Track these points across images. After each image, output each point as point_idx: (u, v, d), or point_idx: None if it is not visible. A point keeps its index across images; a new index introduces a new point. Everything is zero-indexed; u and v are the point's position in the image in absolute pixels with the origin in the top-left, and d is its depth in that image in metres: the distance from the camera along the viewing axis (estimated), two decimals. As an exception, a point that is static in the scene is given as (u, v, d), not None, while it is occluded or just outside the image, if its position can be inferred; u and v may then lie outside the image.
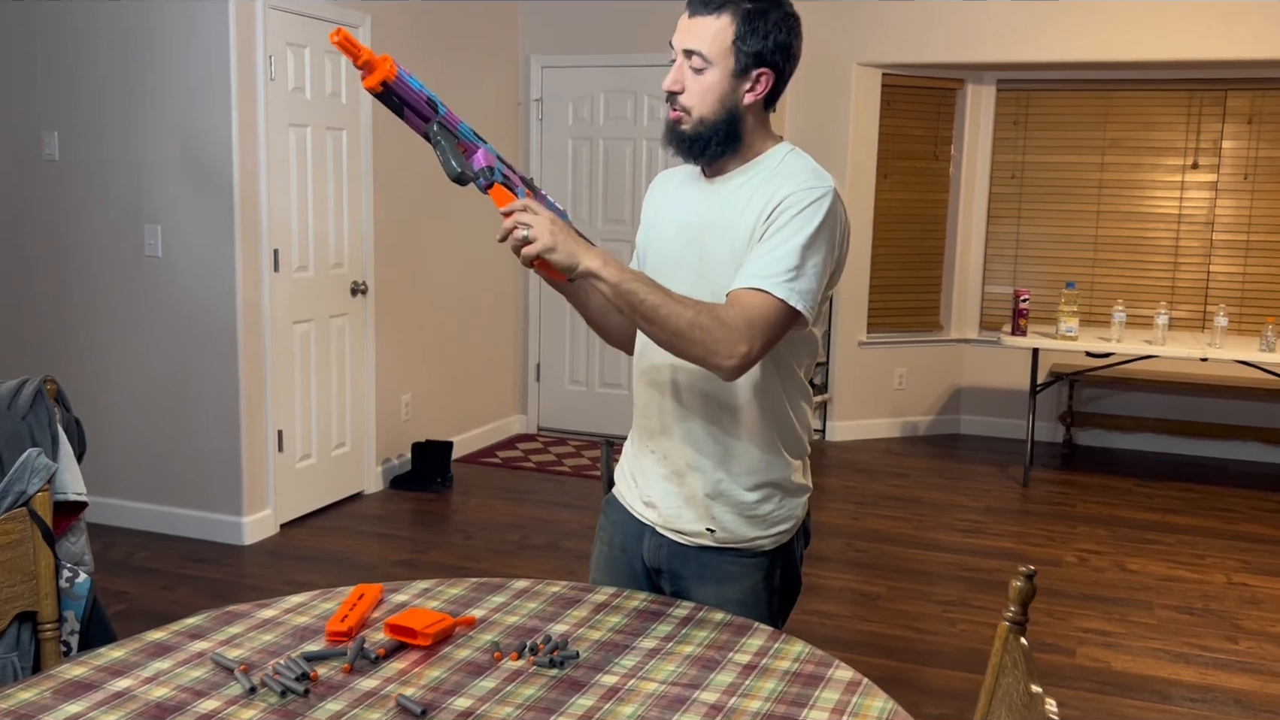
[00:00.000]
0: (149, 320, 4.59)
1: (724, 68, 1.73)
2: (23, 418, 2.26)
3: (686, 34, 1.75)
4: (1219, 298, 6.37)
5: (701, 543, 1.87)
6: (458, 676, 1.53)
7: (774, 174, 1.79)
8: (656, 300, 1.62)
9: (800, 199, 1.72)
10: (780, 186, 1.75)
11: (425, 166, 5.60)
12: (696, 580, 1.88)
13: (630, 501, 1.97)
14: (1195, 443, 6.53)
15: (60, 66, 4.58)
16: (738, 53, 1.73)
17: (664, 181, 1.98)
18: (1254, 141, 6.30)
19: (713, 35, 1.72)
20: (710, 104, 1.75)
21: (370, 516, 5.02)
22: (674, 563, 1.90)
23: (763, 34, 1.73)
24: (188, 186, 4.45)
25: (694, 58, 1.74)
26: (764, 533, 1.87)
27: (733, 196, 1.80)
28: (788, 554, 1.93)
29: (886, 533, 4.97)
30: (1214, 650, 3.77)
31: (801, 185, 1.74)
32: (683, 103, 1.76)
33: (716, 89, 1.74)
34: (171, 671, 1.53)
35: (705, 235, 1.82)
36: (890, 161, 6.63)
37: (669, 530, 1.90)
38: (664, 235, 1.90)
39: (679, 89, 1.76)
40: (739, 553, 1.88)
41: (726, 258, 1.77)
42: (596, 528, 2.08)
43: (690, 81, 1.75)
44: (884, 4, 6.31)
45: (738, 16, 1.72)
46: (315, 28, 4.75)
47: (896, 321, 6.80)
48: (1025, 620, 1.53)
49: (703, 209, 1.84)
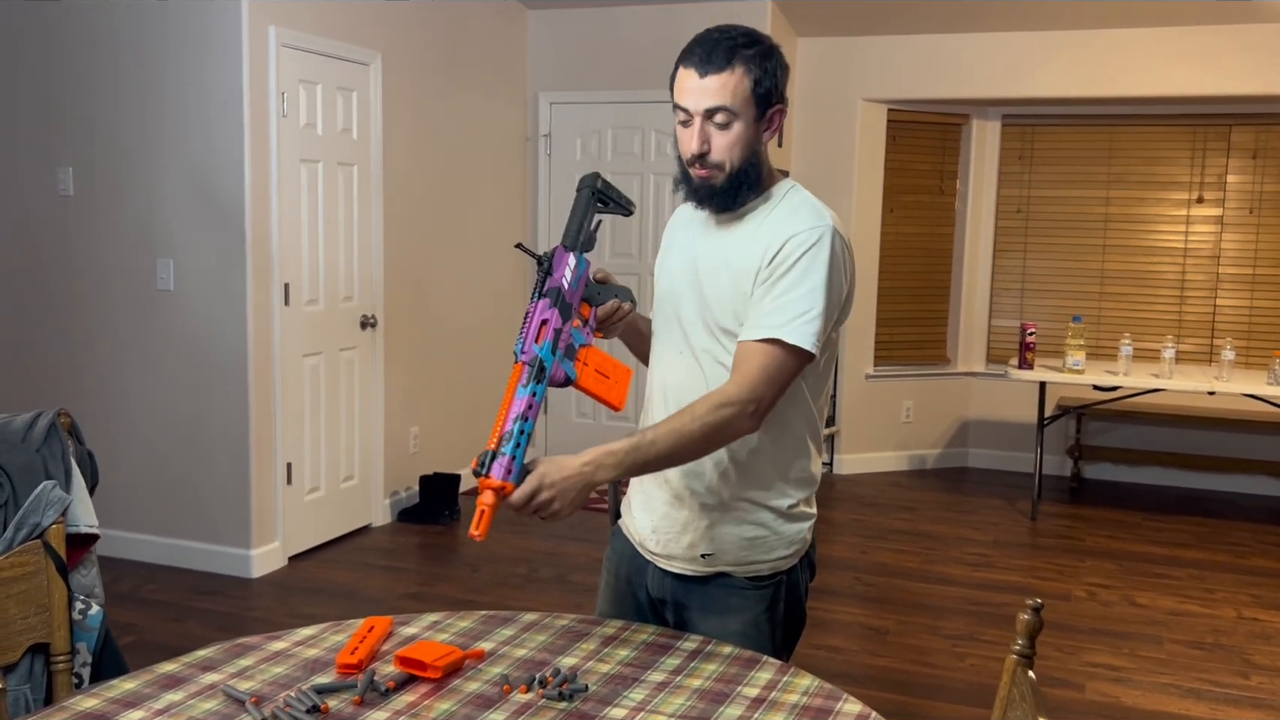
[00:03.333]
0: (160, 353, 4.62)
1: (748, 117, 1.76)
2: (37, 450, 2.28)
3: (702, 94, 1.75)
4: (1225, 331, 6.37)
5: (703, 572, 1.89)
6: (467, 709, 1.53)
7: (777, 212, 1.82)
8: (664, 448, 1.68)
9: (802, 241, 1.75)
10: (781, 228, 1.78)
11: (434, 202, 5.65)
12: (699, 612, 1.90)
13: (632, 532, 1.99)
14: (1204, 476, 6.51)
15: (75, 102, 4.64)
16: (757, 99, 1.76)
17: (683, 212, 2.00)
18: (1259, 176, 6.33)
19: (733, 89, 1.74)
20: (740, 154, 1.78)
21: (378, 549, 5.02)
22: (677, 594, 1.92)
23: (771, 74, 1.77)
24: (200, 221, 4.50)
25: (718, 114, 1.75)
26: (762, 558, 1.88)
27: (738, 234, 1.84)
28: (791, 586, 1.94)
29: (895, 566, 4.95)
30: (1225, 685, 3.74)
31: (803, 226, 1.77)
32: (713, 160, 1.78)
33: (744, 139, 1.77)
34: (183, 703, 1.54)
35: (707, 271, 1.85)
36: (896, 196, 6.67)
37: (669, 563, 1.92)
38: (671, 266, 1.94)
39: (706, 149, 1.77)
40: (741, 583, 1.88)
41: (727, 294, 1.81)
42: (604, 559, 2.10)
43: (717, 138, 1.77)
44: (889, 40, 6.37)
45: (750, 65, 1.74)
46: (327, 65, 4.81)
47: (903, 354, 6.81)
48: (1033, 653, 1.54)
49: (709, 245, 1.87)
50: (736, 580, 1.88)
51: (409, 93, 5.38)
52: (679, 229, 1.98)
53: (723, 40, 1.75)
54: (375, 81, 5.11)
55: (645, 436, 1.69)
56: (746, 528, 1.87)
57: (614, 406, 1.78)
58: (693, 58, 1.76)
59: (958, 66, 6.29)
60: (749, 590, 1.88)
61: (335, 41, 4.85)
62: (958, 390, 6.92)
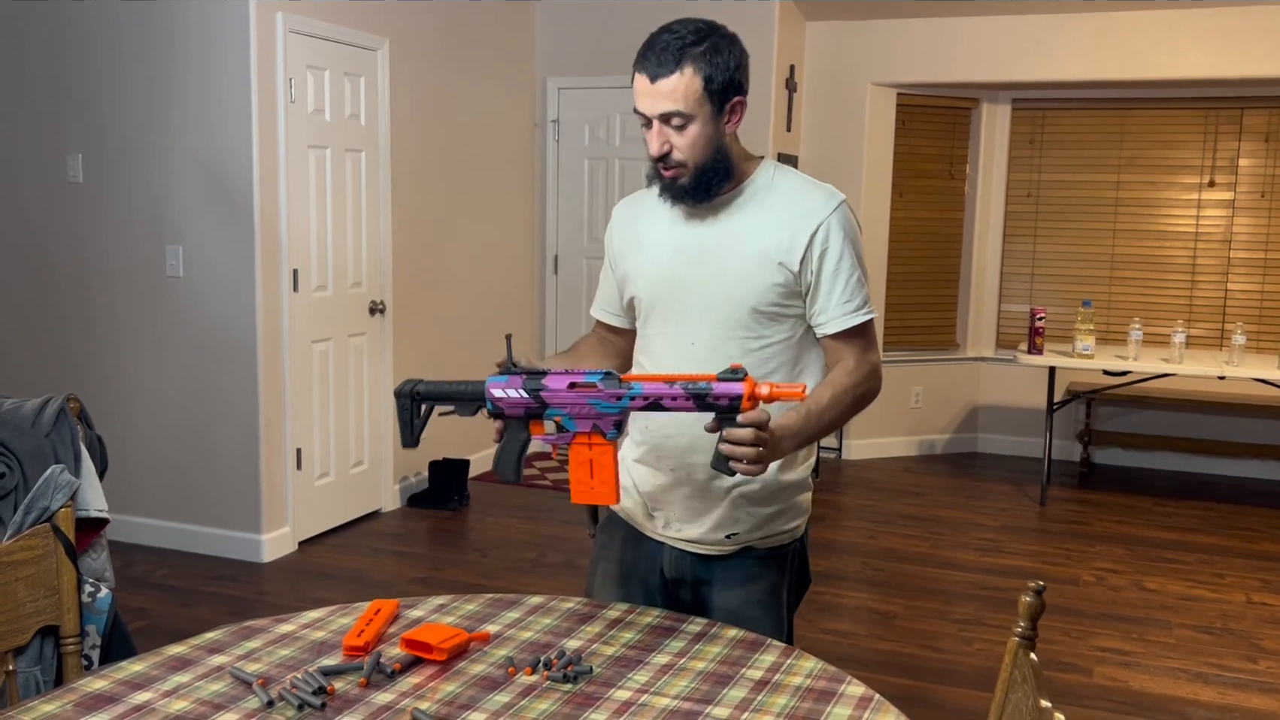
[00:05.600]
0: (170, 339, 4.64)
1: (704, 115, 1.77)
2: (46, 435, 2.29)
3: (655, 99, 1.77)
4: (1236, 316, 6.34)
5: (727, 550, 1.93)
6: (472, 691, 1.54)
7: (781, 195, 1.85)
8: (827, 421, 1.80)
9: (835, 225, 1.83)
10: (802, 212, 1.82)
11: (443, 187, 5.65)
12: (721, 586, 1.94)
13: (642, 522, 2.00)
14: (1213, 461, 6.49)
15: (84, 90, 4.65)
16: (711, 96, 1.77)
17: (634, 213, 1.99)
18: (1271, 159, 6.29)
19: (684, 91, 1.75)
20: (702, 151, 1.79)
21: (387, 534, 5.04)
22: (699, 572, 1.95)
23: (724, 68, 1.77)
24: (209, 208, 4.51)
25: (673, 118, 1.77)
26: (783, 528, 1.94)
27: (741, 218, 1.86)
28: (802, 547, 2.00)
29: (903, 551, 4.96)
30: (1233, 670, 3.74)
31: (826, 209, 1.83)
32: (676, 160, 1.80)
33: (704, 136, 1.78)
34: (191, 685, 1.55)
35: (713, 256, 1.86)
36: (906, 180, 6.64)
37: (691, 545, 1.94)
38: (661, 260, 1.91)
39: (668, 150, 1.79)
40: (762, 553, 1.94)
41: (742, 270, 1.83)
42: (596, 547, 2.10)
43: (676, 139, 1.78)
44: (898, 24, 6.34)
45: (699, 64, 1.75)
46: (335, 51, 4.81)
47: (913, 340, 6.80)
48: (1035, 635, 1.54)
49: (704, 234, 1.87)
50: (759, 551, 1.94)
51: (417, 78, 5.38)
52: (642, 226, 1.96)
53: (671, 42, 1.75)
54: (383, 67, 5.11)
55: (809, 411, 1.76)
56: (770, 506, 1.91)
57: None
58: (645, 62, 1.77)
59: (967, 50, 6.26)
60: (770, 560, 1.94)
61: (343, 27, 4.84)
62: (967, 375, 6.90)
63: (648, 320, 1.95)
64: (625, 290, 1.99)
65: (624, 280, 1.99)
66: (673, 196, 1.85)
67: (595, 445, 1.65)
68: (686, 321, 1.88)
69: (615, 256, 2.02)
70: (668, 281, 1.90)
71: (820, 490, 5.98)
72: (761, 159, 1.91)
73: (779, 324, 1.86)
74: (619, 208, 2.05)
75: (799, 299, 1.86)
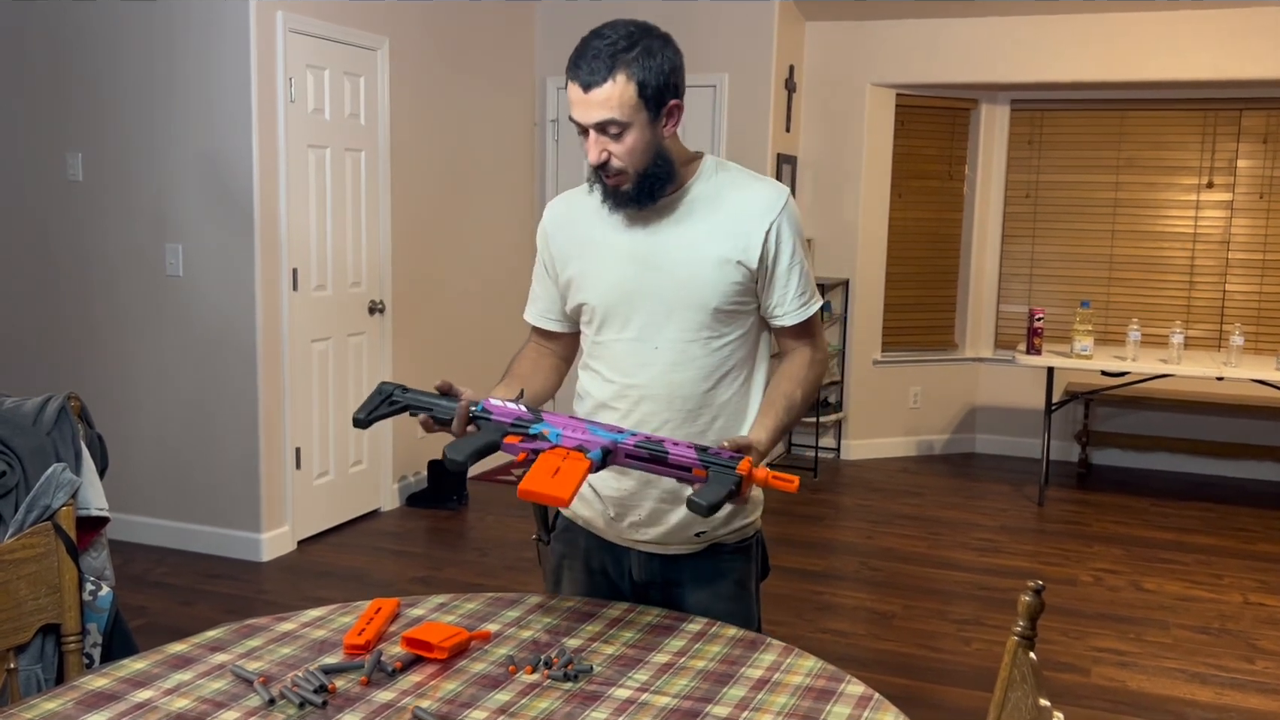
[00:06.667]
0: (170, 338, 4.64)
1: (640, 121, 1.75)
2: (47, 434, 2.29)
3: (589, 109, 1.73)
4: (1235, 317, 6.35)
5: (698, 548, 1.94)
6: (473, 689, 1.55)
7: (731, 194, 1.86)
8: (798, 410, 1.90)
9: (786, 221, 1.86)
10: (754, 211, 1.84)
11: (442, 187, 5.65)
12: (692, 585, 1.94)
13: (603, 528, 1.98)
14: (1211, 462, 6.50)
15: (84, 89, 4.65)
16: (647, 102, 1.74)
17: (571, 216, 1.96)
18: (1269, 160, 6.30)
19: (618, 100, 1.72)
20: (641, 157, 1.77)
21: (387, 533, 5.05)
22: (668, 573, 1.96)
23: (658, 72, 1.74)
24: (209, 206, 4.51)
25: (610, 126, 1.74)
26: (746, 520, 1.97)
27: (687, 220, 1.85)
28: (761, 537, 2.04)
29: (902, 551, 4.96)
30: (1230, 670, 3.75)
31: (776, 204, 1.85)
32: (615, 167, 1.78)
33: (642, 142, 1.76)
34: (192, 683, 1.55)
35: (670, 260, 1.84)
36: (904, 181, 6.65)
37: (661, 548, 1.94)
38: (614, 267, 1.88)
39: (606, 158, 1.77)
40: (730, 549, 1.96)
41: (703, 273, 1.84)
42: (554, 555, 2.06)
43: (614, 147, 1.76)
44: (897, 24, 6.34)
45: (632, 70, 1.71)
46: (335, 50, 4.82)
47: (911, 340, 6.81)
48: (1034, 635, 1.54)
49: (657, 237, 1.86)
50: (727, 547, 1.96)
51: (416, 78, 5.38)
52: (584, 229, 1.92)
53: (603, 49, 1.72)
54: (383, 67, 5.11)
55: (780, 405, 1.86)
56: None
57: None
58: (577, 71, 1.74)
59: (966, 51, 6.27)
60: (737, 554, 1.97)
61: (342, 27, 4.85)
62: (965, 376, 6.91)
63: (603, 327, 1.91)
64: (571, 296, 1.95)
65: (569, 286, 1.95)
66: (616, 203, 1.83)
67: (571, 457, 1.61)
68: (648, 326, 1.86)
69: (556, 261, 1.97)
70: (625, 288, 1.87)
71: (819, 490, 5.99)
72: (701, 155, 1.90)
73: (738, 320, 1.88)
74: (552, 209, 2.01)
75: (754, 295, 1.88)
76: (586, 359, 1.98)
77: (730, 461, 1.62)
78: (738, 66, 6.00)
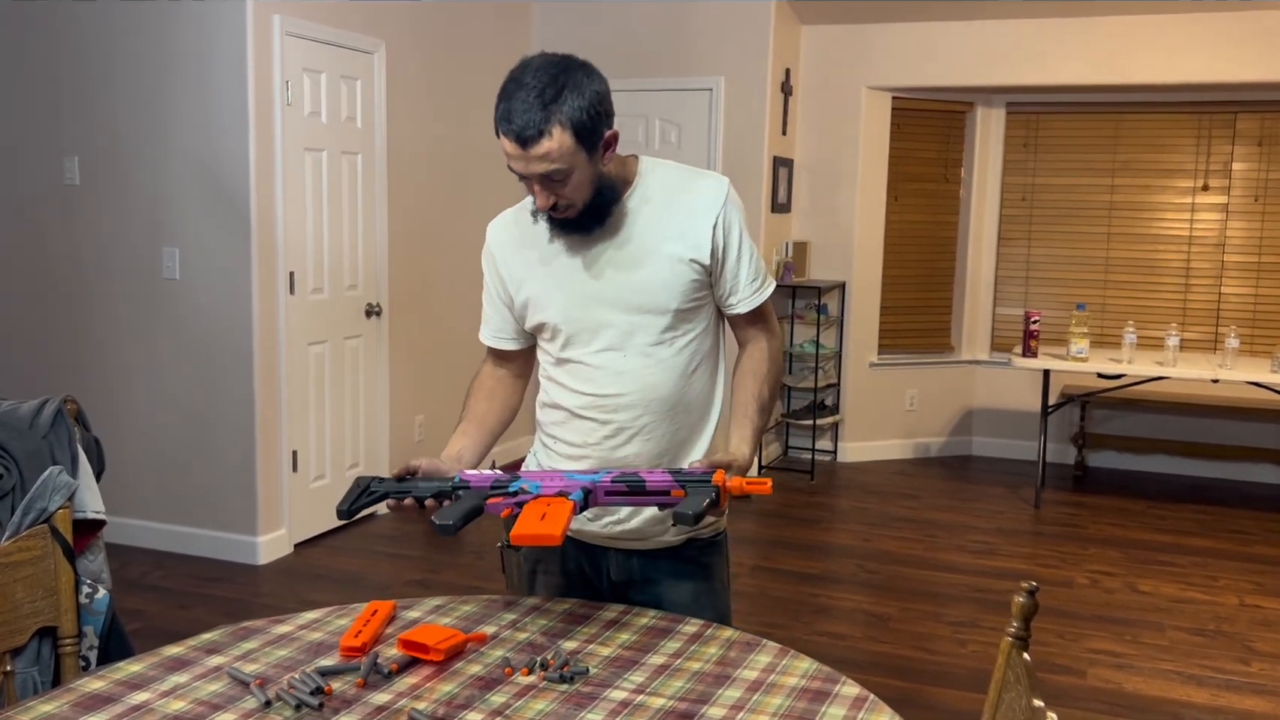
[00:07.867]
0: (166, 341, 4.64)
1: (581, 161, 1.74)
2: (44, 437, 2.30)
3: (528, 163, 1.72)
4: (1230, 319, 6.37)
5: (675, 541, 1.96)
6: (469, 691, 1.55)
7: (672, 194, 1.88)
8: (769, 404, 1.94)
9: (731, 210, 1.89)
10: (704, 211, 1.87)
11: (438, 190, 5.66)
12: (670, 581, 1.96)
13: (580, 529, 1.98)
14: (1207, 464, 6.52)
15: (80, 92, 4.65)
16: (584, 143, 1.73)
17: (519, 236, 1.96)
18: (1264, 163, 6.32)
19: (558, 151, 1.70)
20: (586, 191, 1.78)
21: (383, 537, 5.05)
22: (646, 571, 1.97)
23: (589, 110, 1.72)
24: (205, 210, 4.51)
25: (554, 175, 1.73)
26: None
27: (636, 226, 1.87)
28: (725, 533, 2.06)
29: (898, 554, 4.97)
30: (1226, 672, 3.76)
31: (719, 197, 1.88)
32: (563, 205, 1.79)
33: (586, 179, 1.77)
34: (188, 685, 1.56)
35: (626, 268, 1.86)
36: (900, 184, 6.66)
37: (641, 544, 1.96)
38: (572, 283, 1.88)
39: (554, 200, 1.77)
40: (704, 541, 1.99)
41: (661, 277, 1.86)
42: (530, 564, 2.06)
43: (560, 190, 1.76)
44: (893, 28, 6.36)
45: (566, 119, 1.69)
46: (331, 54, 4.82)
47: (907, 343, 6.82)
48: (1028, 636, 1.55)
49: (610, 247, 1.87)
50: (700, 541, 1.98)
51: (413, 81, 5.39)
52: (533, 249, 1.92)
53: (531, 102, 1.69)
54: (379, 70, 5.11)
55: (753, 408, 1.90)
56: None
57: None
58: (508, 125, 1.70)
59: (962, 54, 6.28)
60: (710, 548, 2.00)
61: (339, 30, 4.85)
62: (962, 378, 6.92)
63: (568, 345, 1.91)
64: (529, 316, 1.94)
65: (526, 306, 1.94)
66: (566, 231, 1.84)
67: (555, 502, 1.65)
68: (614, 338, 1.88)
69: (509, 283, 1.97)
70: (586, 303, 1.87)
71: (815, 493, 5.99)
72: (636, 158, 1.91)
73: (699, 315, 1.91)
74: (496, 232, 2.01)
75: (709, 288, 1.91)
76: (550, 370, 1.97)
77: (704, 476, 1.67)
78: (734, 69, 6.01)
